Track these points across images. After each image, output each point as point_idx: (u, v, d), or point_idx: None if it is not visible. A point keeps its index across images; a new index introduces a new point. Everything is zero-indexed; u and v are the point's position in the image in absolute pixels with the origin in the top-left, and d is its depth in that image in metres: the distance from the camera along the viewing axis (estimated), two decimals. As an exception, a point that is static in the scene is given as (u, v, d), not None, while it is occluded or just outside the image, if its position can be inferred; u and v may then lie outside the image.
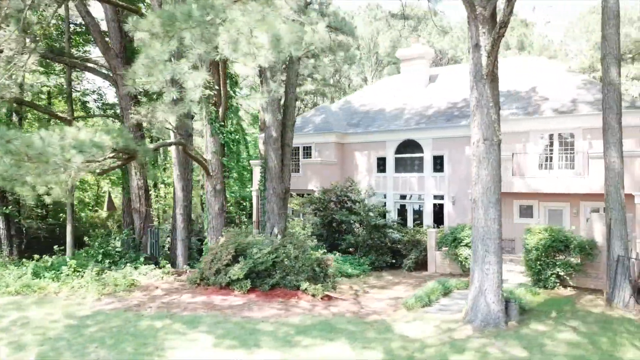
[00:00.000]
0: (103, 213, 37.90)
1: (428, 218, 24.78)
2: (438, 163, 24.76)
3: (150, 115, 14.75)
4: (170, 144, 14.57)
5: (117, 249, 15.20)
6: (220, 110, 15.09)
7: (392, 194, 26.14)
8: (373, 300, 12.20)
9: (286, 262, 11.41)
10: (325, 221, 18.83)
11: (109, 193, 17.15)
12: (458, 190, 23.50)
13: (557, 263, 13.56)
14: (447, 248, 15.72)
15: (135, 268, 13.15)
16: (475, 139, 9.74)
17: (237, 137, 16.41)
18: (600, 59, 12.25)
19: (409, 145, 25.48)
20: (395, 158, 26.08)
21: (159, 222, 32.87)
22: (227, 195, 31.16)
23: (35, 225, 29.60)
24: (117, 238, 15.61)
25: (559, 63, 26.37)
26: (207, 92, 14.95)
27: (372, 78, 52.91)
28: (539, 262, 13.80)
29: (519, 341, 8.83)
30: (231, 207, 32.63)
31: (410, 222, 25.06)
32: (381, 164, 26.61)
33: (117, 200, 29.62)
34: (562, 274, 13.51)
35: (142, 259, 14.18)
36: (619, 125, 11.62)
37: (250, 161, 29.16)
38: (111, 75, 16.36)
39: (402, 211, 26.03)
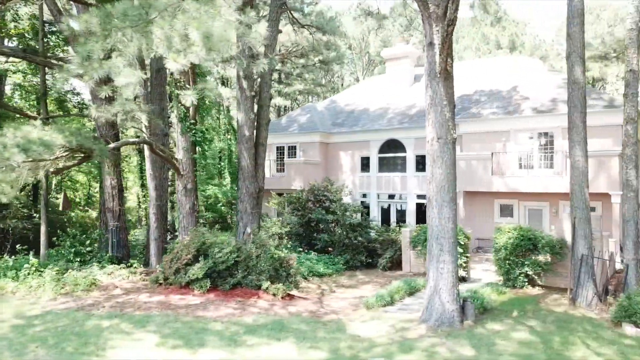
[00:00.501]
0: (93, 213, 37.91)
1: (411, 217, 24.76)
2: (421, 163, 24.73)
3: (121, 114, 14.73)
4: (133, 143, 14.50)
5: (88, 249, 15.15)
6: (191, 108, 15.04)
7: (375, 194, 26.13)
8: (337, 299, 12.16)
9: (248, 262, 11.37)
10: (302, 220, 18.79)
11: (65, 191, 17.06)
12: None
13: (526, 262, 13.51)
14: (419, 247, 15.67)
15: (102, 267, 13.11)
16: (429, 138, 9.70)
17: (210, 135, 16.27)
18: (565, 57, 12.20)
19: (392, 145, 25.46)
20: (379, 158, 26.07)
21: (145, 222, 32.84)
22: (219, 194, 31.18)
23: (20, 225, 29.49)
24: (89, 237, 15.56)
25: (541, 62, 26.31)
26: (177, 91, 14.94)
27: (364, 77, 52.84)
28: (507, 262, 13.76)
29: (470, 341, 8.78)
30: (223, 207, 32.61)
31: (393, 222, 25.02)
32: (365, 164, 26.60)
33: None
34: (530, 273, 13.46)
35: (106, 258, 14.12)
36: (583, 124, 11.59)
37: (235, 161, 29.04)
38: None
39: (386, 211, 26.01)
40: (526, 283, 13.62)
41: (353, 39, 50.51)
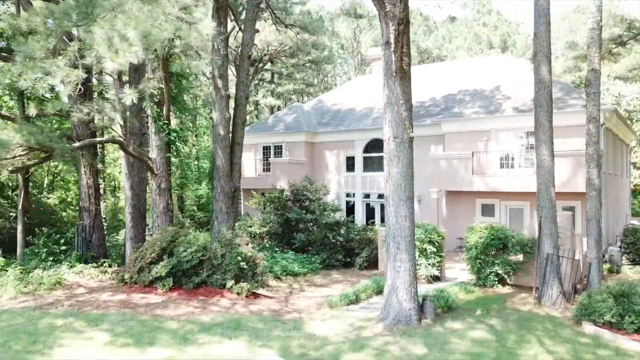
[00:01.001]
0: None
1: (395, 217, 24.76)
2: (404, 162, 24.73)
3: (95, 112, 14.75)
4: (101, 142, 14.52)
5: (62, 248, 15.16)
6: (164, 108, 15.05)
7: (361, 193, 26.14)
8: (305, 298, 12.18)
9: (213, 261, 11.39)
10: (281, 220, 18.80)
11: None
12: (424, 190, 23.48)
13: (496, 262, 13.52)
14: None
15: (72, 267, 13.13)
16: (386, 137, 9.72)
17: (185, 135, 16.28)
18: (532, 56, 12.22)
19: (377, 145, 25.47)
20: (364, 157, 26.09)
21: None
22: (205, 194, 31.16)
23: (8, 225, 29.51)
24: (64, 237, 15.57)
25: (526, 62, 26.33)
26: (150, 90, 14.94)
27: (356, 77, 52.91)
28: (478, 261, 13.77)
29: (425, 339, 8.79)
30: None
31: (378, 221, 25.03)
32: (350, 164, 26.61)
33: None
34: (500, 272, 13.47)
35: (74, 257, 14.14)
36: (549, 123, 11.60)
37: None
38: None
39: (371, 210, 26.03)
40: (496, 282, 13.62)
41: (345, 39, 50.56)
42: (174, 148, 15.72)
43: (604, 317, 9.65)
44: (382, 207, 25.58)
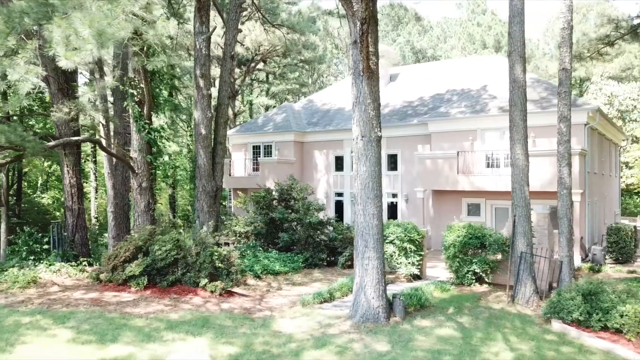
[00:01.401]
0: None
1: (384, 216, 24.82)
2: (392, 162, 24.83)
3: (74, 111, 14.81)
4: (77, 141, 14.57)
5: (45, 247, 15.22)
6: (145, 107, 15.10)
7: (349, 193, 26.19)
8: (280, 297, 12.22)
9: (188, 259, 11.44)
10: (266, 219, 18.84)
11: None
12: (411, 189, 23.55)
13: (474, 260, 13.57)
14: (375, 245, 15.71)
15: (50, 265, 13.19)
16: (354, 136, 9.77)
17: (166, 134, 16.34)
18: (507, 56, 12.25)
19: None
20: (352, 157, 26.10)
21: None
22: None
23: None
24: (47, 235, 15.62)
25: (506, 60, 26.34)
26: (130, 90, 15.01)
27: (348, 77, 53.03)
28: (456, 260, 13.83)
29: (390, 337, 8.84)
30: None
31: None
32: (339, 163, 26.68)
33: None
34: (478, 271, 13.51)
35: (53, 256, 14.19)
36: (523, 122, 11.63)
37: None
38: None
39: (359, 210, 26.06)
40: (474, 281, 13.67)
41: (340, 39, 50.61)
42: (155, 148, 15.77)
43: (571, 315, 9.70)
44: (371, 206, 25.64)
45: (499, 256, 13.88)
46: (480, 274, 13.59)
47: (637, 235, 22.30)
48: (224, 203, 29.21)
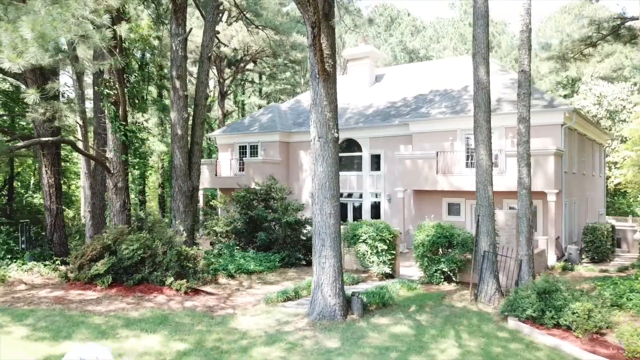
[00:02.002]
0: (70, 212, 38.15)
1: (367, 216, 25.02)
2: (375, 162, 25.00)
3: (50, 113, 14.97)
4: (47, 142, 14.73)
5: (22, 246, 15.39)
6: (121, 108, 15.26)
7: (333, 193, 26.31)
8: (248, 295, 12.39)
9: (154, 258, 11.61)
10: (245, 218, 19.01)
11: None
12: (393, 189, 23.70)
13: (442, 259, 13.74)
14: (347, 244, 15.88)
15: (23, 264, 13.36)
16: (312, 137, 9.94)
17: (142, 135, 16.50)
18: (472, 57, 12.42)
19: (350, 145, 25.71)
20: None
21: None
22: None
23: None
24: (22, 234, 15.80)
25: (495, 62, 26.51)
26: (106, 90, 15.16)
27: (342, 76, 53.24)
28: (425, 258, 14.00)
29: (343, 334, 9.01)
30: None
31: (350, 220, 25.23)
32: (324, 163, 26.80)
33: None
34: (446, 270, 13.68)
35: (27, 256, 14.36)
36: (487, 123, 11.80)
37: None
38: (21, 74, 16.56)
39: (344, 209, 26.24)
40: (442, 280, 13.84)
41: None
42: (132, 148, 15.93)
43: (526, 313, 9.86)
44: (354, 206, 25.81)
45: (469, 255, 14.04)
46: (449, 273, 13.76)
47: (615, 234, 22.48)
48: (211, 203, 29.35)
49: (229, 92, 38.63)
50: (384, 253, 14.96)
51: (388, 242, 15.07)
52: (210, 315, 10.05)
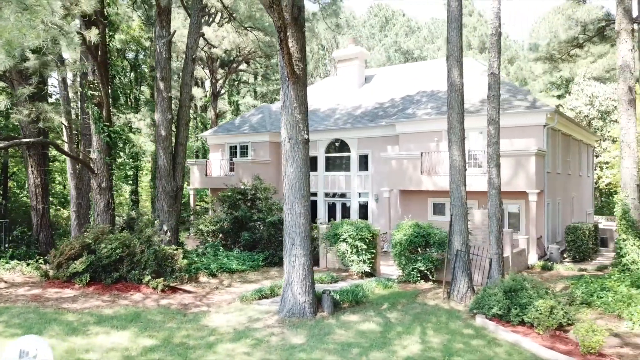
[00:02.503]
0: (65, 212, 38.42)
1: (355, 215, 25.24)
2: (363, 162, 25.22)
3: (34, 115, 15.20)
4: (27, 143, 14.95)
5: (5, 245, 15.61)
6: (104, 110, 15.48)
7: (322, 192, 26.60)
8: (226, 294, 12.61)
9: (133, 257, 11.83)
10: (229, 218, 19.24)
11: None
12: (380, 189, 23.90)
13: (419, 258, 13.96)
14: (329, 243, 16.09)
15: (6, 263, 13.59)
16: (282, 138, 10.16)
17: (125, 135, 16.73)
18: (445, 60, 12.63)
19: (338, 145, 25.93)
20: (326, 157, 26.54)
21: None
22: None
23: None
24: (6, 233, 16.03)
25: (480, 64, 26.74)
26: (90, 92, 15.40)
27: (332, 77, 53.46)
28: (403, 257, 14.21)
29: (310, 330, 9.22)
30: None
31: (338, 219, 25.44)
32: (313, 163, 27.00)
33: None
34: (422, 268, 13.90)
35: (9, 254, 14.59)
36: (460, 124, 12.02)
37: (188, 160, 29.58)
38: (7, 76, 16.80)
39: (332, 209, 26.47)
40: (419, 278, 14.06)
41: (325, 40, 50.99)
42: (116, 149, 16.16)
43: (492, 310, 10.08)
44: (343, 205, 26.03)
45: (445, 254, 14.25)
46: (425, 271, 13.97)
47: (600, 234, 22.70)
48: (197, 203, 29.58)
49: (222, 92, 38.84)
50: (363, 252, 15.18)
51: (367, 241, 15.28)
52: (183, 313, 10.27)
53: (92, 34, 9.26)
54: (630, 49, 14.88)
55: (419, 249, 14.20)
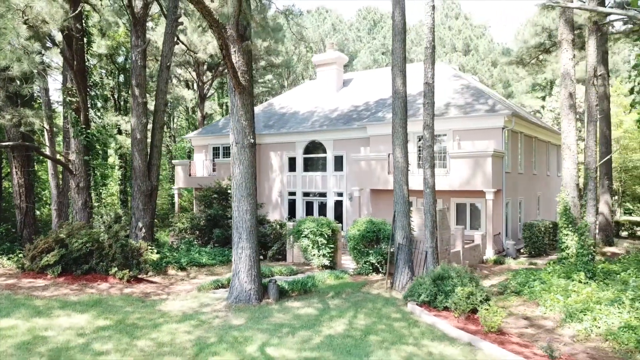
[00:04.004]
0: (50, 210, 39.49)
1: (331, 213, 26.34)
2: (339, 163, 26.31)
3: (16, 119, 16.30)
4: (7, 146, 16.04)
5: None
6: (82, 115, 16.60)
7: (301, 192, 27.69)
8: (189, 284, 13.72)
9: (101, 250, 12.95)
10: (204, 216, 20.35)
11: None
12: (352, 188, 25.00)
13: (370, 252, 15.06)
14: (293, 239, 17.20)
15: (-11, 257, 14.75)
16: (230, 141, 11.26)
17: (103, 137, 17.83)
18: (390, 70, 13.72)
19: (315, 146, 27.03)
20: (304, 158, 27.63)
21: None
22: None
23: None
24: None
25: (450, 67, 27.84)
26: (68, 98, 16.51)
27: (312, 81, 54.60)
28: (355, 251, 15.33)
29: (252, 314, 10.33)
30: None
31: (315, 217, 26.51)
32: (292, 164, 28.16)
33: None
34: (373, 261, 15.00)
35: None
36: (403, 129, 13.10)
37: (173, 161, 30.68)
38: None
39: (309, 207, 27.57)
40: (371, 271, 15.17)
41: (314, 42, 52.09)
42: (94, 150, 17.27)
43: (421, 297, 11.18)
44: (321, 204, 27.13)
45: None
46: (376, 264, 15.08)
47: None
48: (174, 202, 30.67)
49: (209, 95, 39.93)
50: (323, 247, 16.28)
51: (327, 236, 16.38)
52: (142, 300, 11.38)
53: (54, 53, 10.31)
54: (570, 58, 15.96)
55: (372, 244, 15.30)
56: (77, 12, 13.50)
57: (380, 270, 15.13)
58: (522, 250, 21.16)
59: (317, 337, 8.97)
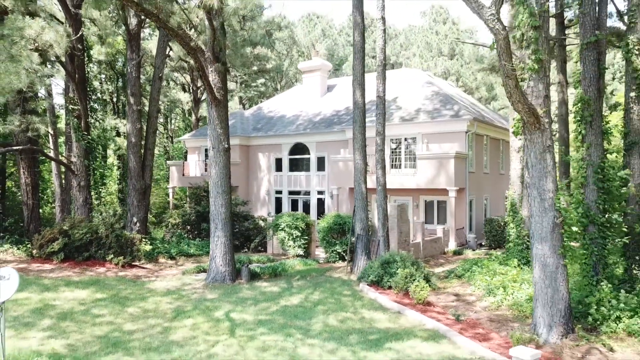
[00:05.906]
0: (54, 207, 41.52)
1: (314, 210, 28.36)
2: (321, 163, 28.34)
3: (24, 125, 18.33)
4: (12, 150, 18.03)
5: (0, 233, 18.78)
6: (82, 121, 18.63)
7: (286, 191, 29.72)
8: (175, 270, 15.75)
9: (100, 240, 14.99)
10: (194, 212, 22.37)
11: None
12: (334, 187, 27.03)
13: (336, 242, 17.09)
14: (273, 232, 19.23)
15: (0, 247, 16.76)
16: (208, 146, 13.28)
17: (103, 141, 19.85)
18: (351, 83, 15.72)
19: (300, 148, 29.05)
20: (289, 159, 29.65)
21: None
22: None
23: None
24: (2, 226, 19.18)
25: (425, 74, 29.83)
26: (71, 106, 18.54)
27: (298, 86, 56.59)
28: (324, 242, 17.35)
29: (224, 291, 12.35)
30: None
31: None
32: (278, 164, 30.19)
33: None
34: (340, 250, 17.03)
35: (3, 242, 17.78)
36: (362, 135, 15.11)
37: (168, 162, 32.80)
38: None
39: (295, 205, 29.59)
40: (338, 258, 17.19)
41: (305, 47, 54.08)
42: (94, 153, 19.30)
43: (369, 278, 13.19)
44: (305, 202, 29.16)
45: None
46: (342, 253, 17.10)
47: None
48: (168, 199, 32.65)
49: (202, 98, 41.96)
50: (298, 239, 18.30)
51: (302, 229, 18.39)
52: (134, 281, 13.42)
53: (60, 75, 12.29)
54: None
55: (339, 235, 17.32)
56: (78, 35, 15.54)
57: (345, 258, 17.14)
58: (483, 243, 23.16)
59: (274, 306, 10.99)
